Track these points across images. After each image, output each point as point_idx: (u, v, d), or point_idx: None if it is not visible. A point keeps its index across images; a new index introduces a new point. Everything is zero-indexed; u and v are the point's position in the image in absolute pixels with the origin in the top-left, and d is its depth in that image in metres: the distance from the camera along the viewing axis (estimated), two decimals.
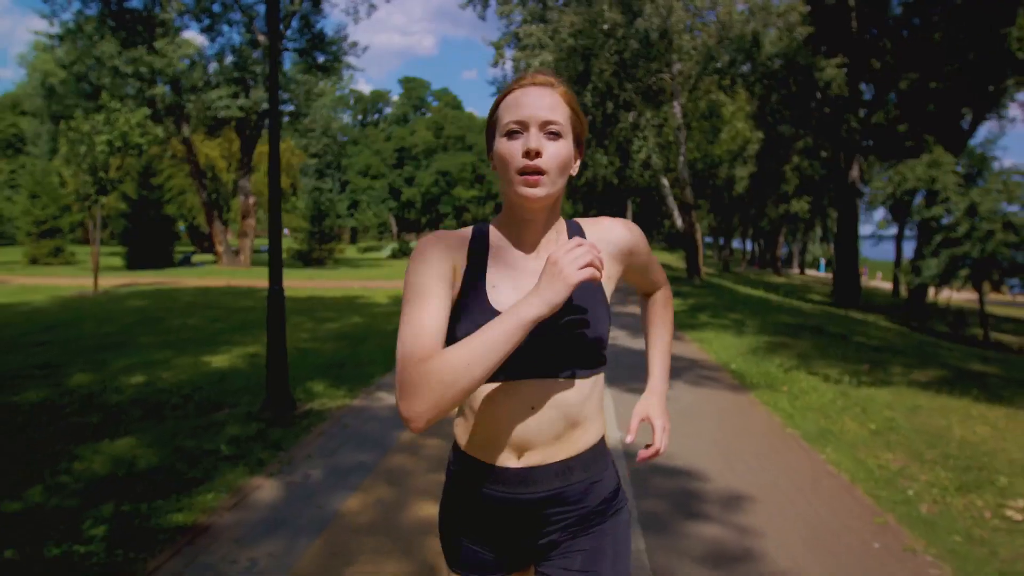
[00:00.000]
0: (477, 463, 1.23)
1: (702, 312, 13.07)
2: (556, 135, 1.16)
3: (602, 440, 1.29)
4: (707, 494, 3.93)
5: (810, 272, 50.16)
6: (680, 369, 7.45)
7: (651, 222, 46.47)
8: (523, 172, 1.14)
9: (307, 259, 28.68)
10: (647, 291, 1.52)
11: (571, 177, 1.22)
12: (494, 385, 1.17)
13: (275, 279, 5.56)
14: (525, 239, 1.24)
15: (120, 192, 25.37)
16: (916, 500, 3.86)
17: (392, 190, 69.72)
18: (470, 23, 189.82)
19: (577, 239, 1.06)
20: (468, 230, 1.27)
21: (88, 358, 7.69)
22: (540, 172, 1.14)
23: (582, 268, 1.03)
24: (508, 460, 1.20)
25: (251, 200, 25.40)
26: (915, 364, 8.21)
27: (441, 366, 1.03)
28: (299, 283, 19.03)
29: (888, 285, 35.89)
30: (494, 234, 1.27)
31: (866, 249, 29.93)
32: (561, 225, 1.29)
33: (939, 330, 17.95)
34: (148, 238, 26.41)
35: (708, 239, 55.58)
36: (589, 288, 1.21)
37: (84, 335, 9.43)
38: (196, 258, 31.72)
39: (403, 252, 37.29)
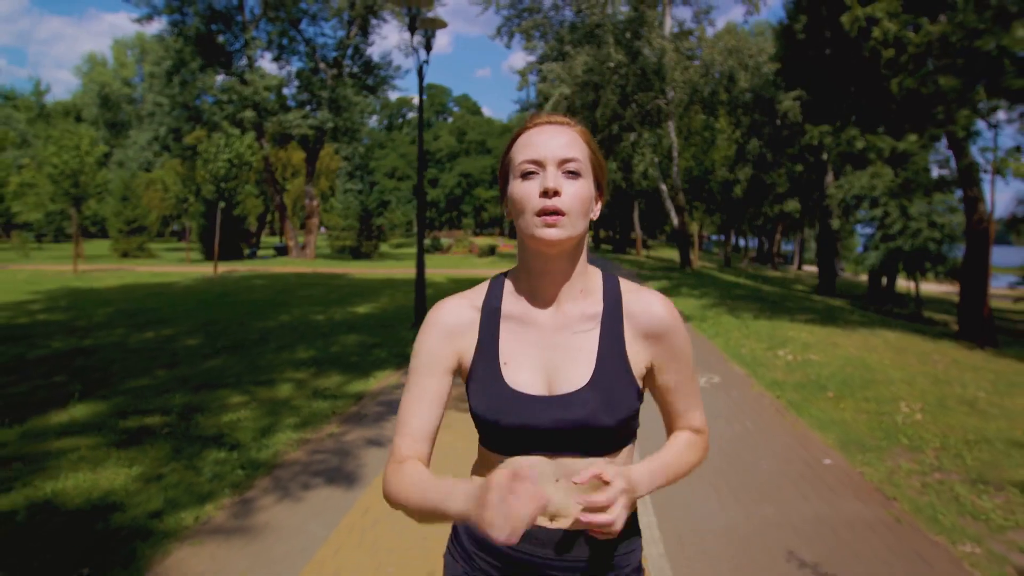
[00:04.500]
0: None
1: (681, 287, 17.49)
2: (575, 174, 1.08)
3: (635, 511, 1.15)
4: None
5: (808, 268, 53.69)
6: None
7: (655, 221, 50.61)
8: (541, 213, 1.06)
9: (356, 253, 33.23)
10: (673, 424, 1.24)
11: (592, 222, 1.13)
12: (515, 457, 1.10)
13: (420, 256, 10.09)
14: (543, 293, 1.15)
15: (202, 196, 30.04)
16: (743, 352, 8.29)
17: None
18: (484, 21, 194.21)
19: (529, 482, 0.89)
20: (482, 295, 1.20)
21: (272, 310, 12.14)
22: (559, 213, 1.05)
23: (506, 524, 0.88)
24: (540, 520, 1.10)
25: (315, 202, 30.17)
26: (804, 312, 12.61)
27: (396, 492, 1.08)
28: (366, 271, 23.59)
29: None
30: (508, 295, 1.18)
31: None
32: (595, 280, 1.18)
33: (885, 309, 22.17)
34: (222, 235, 31.27)
35: (716, 237, 59.79)
36: (616, 366, 1.11)
37: (247, 300, 13.75)
38: (259, 252, 36.59)
39: (435, 247, 41.77)
